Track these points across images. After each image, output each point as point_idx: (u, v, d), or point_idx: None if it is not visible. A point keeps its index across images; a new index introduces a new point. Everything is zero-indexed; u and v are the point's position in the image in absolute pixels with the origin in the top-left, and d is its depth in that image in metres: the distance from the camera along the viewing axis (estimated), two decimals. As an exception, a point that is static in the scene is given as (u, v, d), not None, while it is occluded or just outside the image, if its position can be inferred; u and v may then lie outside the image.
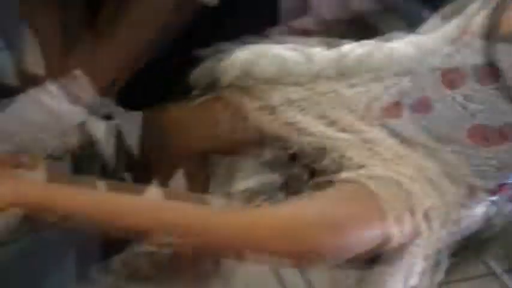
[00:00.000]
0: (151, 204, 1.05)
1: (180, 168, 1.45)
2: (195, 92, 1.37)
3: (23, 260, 1.03)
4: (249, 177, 1.35)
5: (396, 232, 1.06)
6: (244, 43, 1.35)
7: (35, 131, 1.21)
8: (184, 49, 1.34)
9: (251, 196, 1.35)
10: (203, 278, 1.60)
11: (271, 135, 1.29)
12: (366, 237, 1.05)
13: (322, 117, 1.27)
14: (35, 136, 1.21)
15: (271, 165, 1.35)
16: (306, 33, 1.55)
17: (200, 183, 1.47)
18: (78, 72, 1.23)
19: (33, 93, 1.23)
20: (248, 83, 1.31)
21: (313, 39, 1.36)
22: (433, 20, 1.32)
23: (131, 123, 1.31)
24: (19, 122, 1.21)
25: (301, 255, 1.01)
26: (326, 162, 1.21)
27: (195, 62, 1.36)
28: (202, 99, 1.36)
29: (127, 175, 1.35)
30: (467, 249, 1.23)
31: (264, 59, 1.30)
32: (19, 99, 1.25)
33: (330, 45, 1.33)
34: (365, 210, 1.06)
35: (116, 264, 1.62)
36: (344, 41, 1.33)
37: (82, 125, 1.24)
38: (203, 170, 1.46)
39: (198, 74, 1.31)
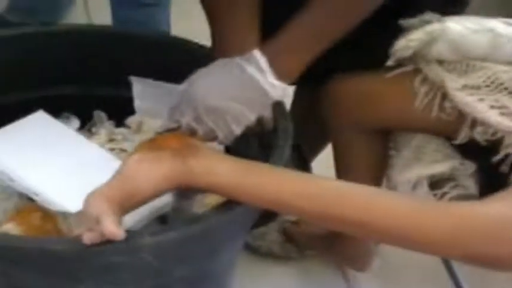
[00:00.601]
0: (360, 192, 0.94)
1: (357, 142, 1.37)
2: (389, 63, 1.27)
3: (205, 234, 0.98)
4: (439, 161, 1.24)
5: None
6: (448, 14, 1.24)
7: (236, 102, 1.06)
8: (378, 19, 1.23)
9: (438, 182, 1.24)
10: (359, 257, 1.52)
11: (472, 118, 1.18)
12: None
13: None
14: (235, 108, 1.06)
15: (466, 151, 1.23)
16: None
17: (378, 161, 1.38)
18: (257, 52, 1.08)
19: (239, 61, 1.08)
20: (453, 58, 1.19)
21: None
22: None
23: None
24: (219, 88, 1.07)
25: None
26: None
27: (390, 32, 1.25)
28: (398, 71, 1.26)
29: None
30: None
31: (476, 34, 1.18)
32: (218, 64, 1.12)
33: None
34: None
35: (271, 231, 1.56)
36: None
37: (278, 104, 1.10)
38: (383, 147, 1.37)
39: (400, 45, 1.20)
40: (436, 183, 1.23)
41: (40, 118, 1.25)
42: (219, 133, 1.05)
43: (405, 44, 1.20)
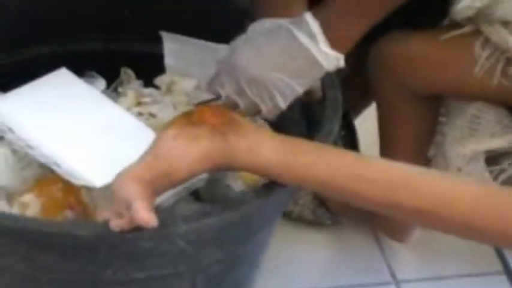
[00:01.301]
0: (426, 178, 0.83)
1: (404, 107, 1.25)
2: (446, 23, 1.15)
3: (243, 220, 0.90)
4: (497, 135, 1.12)
5: None
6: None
7: (284, 73, 0.91)
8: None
9: (496, 157, 1.12)
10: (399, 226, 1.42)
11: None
12: None
13: None
14: (282, 80, 0.91)
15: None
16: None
17: (426, 128, 1.27)
18: (309, 15, 0.92)
19: (288, 26, 0.92)
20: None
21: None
22: None
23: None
24: (264, 57, 0.92)
25: None
26: None
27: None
28: (456, 32, 1.13)
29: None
30: None
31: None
32: (263, 28, 0.96)
33: None
34: None
35: (303, 195, 1.46)
36: None
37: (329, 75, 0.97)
38: (433, 113, 1.25)
39: (464, 4, 1.08)
40: (492, 158, 1.11)
41: (63, 76, 1.14)
42: (262, 107, 0.93)
43: (469, 3, 1.07)
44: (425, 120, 1.25)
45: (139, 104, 1.15)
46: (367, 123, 1.42)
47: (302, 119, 1.03)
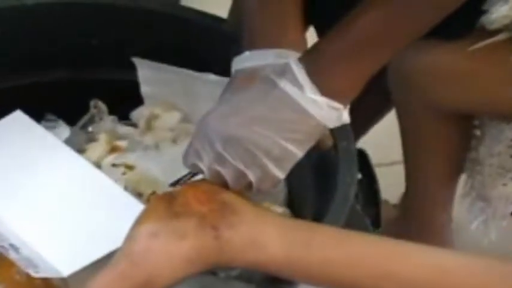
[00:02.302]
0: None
1: (432, 127, 1.07)
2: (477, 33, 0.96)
3: None
4: None
5: None
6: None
7: (269, 129, 0.70)
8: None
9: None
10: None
11: None
12: None
13: None
14: (267, 137, 0.69)
15: None
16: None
17: (456, 150, 1.09)
18: (294, 61, 0.71)
19: (268, 74, 0.72)
20: None
21: None
22: None
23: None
24: (239, 111, 0.71)
25: None
26: None
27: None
28: (490, 41, 0.94)
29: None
30: None
31: None
32: (240, 83, 0.78)
33: None
34: None
35: None
36: None
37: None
38: (465, 134, 1.07)
39: (501, 12, 0.89)
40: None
41: (17, 122, 0.95)
42: (249, 175, 0.72)
43: (507, 12, 0.88)
44: (456, 141, 1.08)
45: (113, 150, 0.95)
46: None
47: (311, 177, 0.84)
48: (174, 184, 0.80)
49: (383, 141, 1.36)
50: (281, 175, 0.72)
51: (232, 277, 0.78)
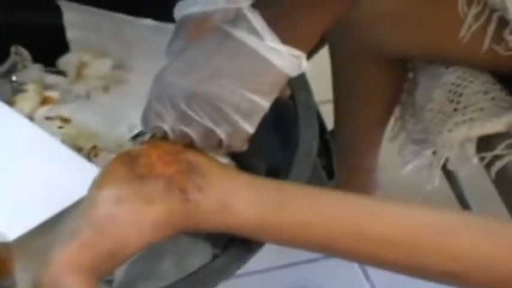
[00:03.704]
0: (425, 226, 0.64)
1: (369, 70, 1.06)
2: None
3: None
4: (491, 116, 0.92)
5: None
6: None
7: (233, 82, 0.66)
8: None
9: (484, 141, 0.94)
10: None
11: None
12: None
13: None
14: (233, 92, 0.65)
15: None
16: None
17: (393, 94, 1.08)
18: (247, 8, 0.67)
19: (221, 26, 0.68)
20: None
21: None
22: None
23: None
24: (200, 67, 0.66)
25: None
26: None
27: None
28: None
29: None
30: None
31: None
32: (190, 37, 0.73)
33: None
34: None
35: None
36: None
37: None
38: (401, 78, 1.06)
39: None
40: (481, 141, 0.93)
41: None
42: (219, 133, 0.68)
43: None
44: (389, 83, 1.08)
45: (44, 102, 0.89)
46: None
47: (271, 130, 0.80)
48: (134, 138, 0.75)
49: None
50: (251, 129, 0.68)
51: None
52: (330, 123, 1.16)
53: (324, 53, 1.12)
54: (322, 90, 1.07)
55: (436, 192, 0.99)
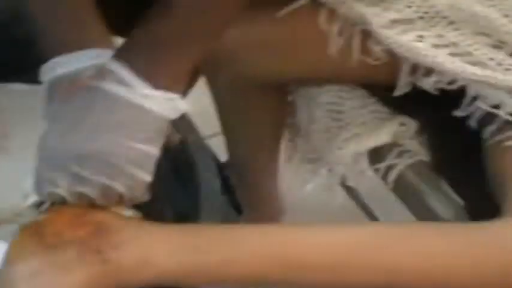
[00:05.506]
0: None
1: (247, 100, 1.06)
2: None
3: None
4: (380, 129, 0.94)
5: None
6: None
7: (117, 135, 0.65)
8: None
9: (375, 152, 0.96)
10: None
11: (408, 61, 0.90)
12: None
13: (489, 35, 0.88)
14: (118, 143, 0.65)
15: (403, 106, 0.96)
16: None
17: (276, 120, 1.09)
18: (111, 62, 0.67)
19: (96, 83, 0.66)
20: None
21: None
22: None
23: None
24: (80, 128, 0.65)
25: None
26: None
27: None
28: (291, 7, 0.94)
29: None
30: None
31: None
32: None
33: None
34: None
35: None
36: None
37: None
38: (281, 104, 1.07)
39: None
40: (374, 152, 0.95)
41: None
42: (118, 187, 0.66)
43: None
44: (276, 109, 1.08)
45: None
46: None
47: (170, 176, 0.78)
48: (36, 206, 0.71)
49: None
50: (147, 178, 0.67)
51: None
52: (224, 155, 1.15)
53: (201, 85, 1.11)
54: (210, 123, 1.07)
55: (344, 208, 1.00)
